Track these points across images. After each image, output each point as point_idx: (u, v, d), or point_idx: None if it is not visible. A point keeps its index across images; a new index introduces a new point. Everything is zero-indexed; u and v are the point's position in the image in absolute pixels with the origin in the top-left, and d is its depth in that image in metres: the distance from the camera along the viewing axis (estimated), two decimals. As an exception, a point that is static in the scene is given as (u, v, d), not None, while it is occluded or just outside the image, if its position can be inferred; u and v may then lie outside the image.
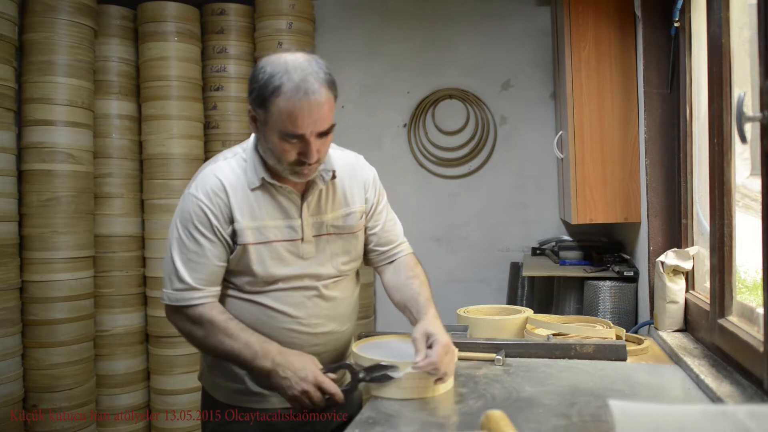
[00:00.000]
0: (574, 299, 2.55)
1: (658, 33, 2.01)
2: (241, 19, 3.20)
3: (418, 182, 3.42)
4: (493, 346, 1.60)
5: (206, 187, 1.41)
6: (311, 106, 1.29)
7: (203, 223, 1.39)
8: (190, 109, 3.06)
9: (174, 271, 1.41)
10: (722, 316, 1.40)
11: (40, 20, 2.74)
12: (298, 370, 1.33)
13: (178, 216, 1.43)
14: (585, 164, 2.28)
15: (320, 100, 1.29)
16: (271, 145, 1.35)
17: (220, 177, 1.42)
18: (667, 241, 1.99)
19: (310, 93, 1.28)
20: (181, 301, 1.41)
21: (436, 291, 3.61)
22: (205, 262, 1.40)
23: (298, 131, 1.29)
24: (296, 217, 1.44)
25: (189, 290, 1.40)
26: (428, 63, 3.41)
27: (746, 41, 1.41)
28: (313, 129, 1.30)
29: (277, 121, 1.30)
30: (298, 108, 1.28)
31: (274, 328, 1.43)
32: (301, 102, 1.28)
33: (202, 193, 1.40)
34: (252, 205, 1.41)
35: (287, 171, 1.37)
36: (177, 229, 1.42)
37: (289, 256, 1.43)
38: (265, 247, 1.41)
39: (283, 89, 1.28)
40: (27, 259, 2.73)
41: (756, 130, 1.16)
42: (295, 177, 1.38)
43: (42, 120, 2.74)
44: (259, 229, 1.41)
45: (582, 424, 1.15)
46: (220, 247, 1.40)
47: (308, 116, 1.29)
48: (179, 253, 1.41)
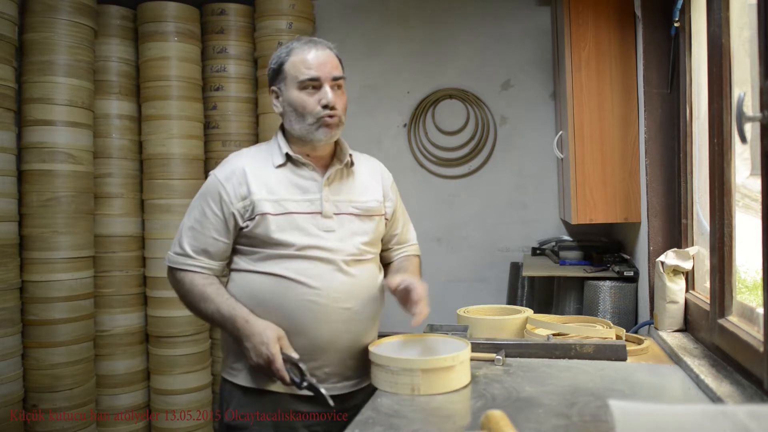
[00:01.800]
0: (574, 299, 2.55)
1: (658, 33, 2.01)
2: (241, 19, 3.20)
3: (418, 182, 3.42)
4: (493, 346, 1.60)
5: (226, 167, 1.55)
6: (321, 52, 1.51)
7: (214, 198, 1.51)
8: (190, 109, 3.06)
9: (178, 237, 1.55)
10: (722, 316, 1.40)
11: (40, 20, 2.73)
12: (256, 343, 1.41)
13: (199, 190, 1.58)
14: (585, 164, 2.28)
15: (327, 52, 1.53)
16: (294, 105, 1.50)
17: (241, 159, 1.56)
18: (667, 241, 1.99)
19: (318, 44, 1.53)
20: (174, 263, 1.54)
21: (436, 291, 3.63)
22: (204, 232, 1.51)
23: (312, 73, 1.48)
24: (316, 192, 1.53)
25: (183, 256, 1.53)
26: (428, 63, 3.41)
27: (746, 41, 1.41)
28: (326, 72, 1.50)
29: (293, 74, 1.50)
30: (309, 55, 1.50)
31: (293, 300, 1.46)
32: (311, 50, 1.51)
33: (221, 173, 1.54)
34: (271, 182, 1.51)
35: (314, 126, 1.50)
36: (194, 200, 1.57)
37: (310, 227, 1.50)
38: (284, 217, 1.48)
39: (294, 46, 1.53)
40: (27, 259, 2.73)
41: (756, 130, 1.16)
42: (323, 131, 1.51)
43: (42, 120, 2.74)
44: (278, 201, 1.49)
45: (582, 424, 1.15)
46: (222, 223, 1.51)
47: (318, 60, 1.50)
48: (187, 221, 1.55)
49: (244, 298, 1.50)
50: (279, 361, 1.38)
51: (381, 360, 1.38)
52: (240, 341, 1.44)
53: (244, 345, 1.43)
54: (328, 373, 1.51)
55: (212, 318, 1.49)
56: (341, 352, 1.51)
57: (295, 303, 1.46)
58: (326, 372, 1.51)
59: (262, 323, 1.43)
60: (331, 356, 1.50)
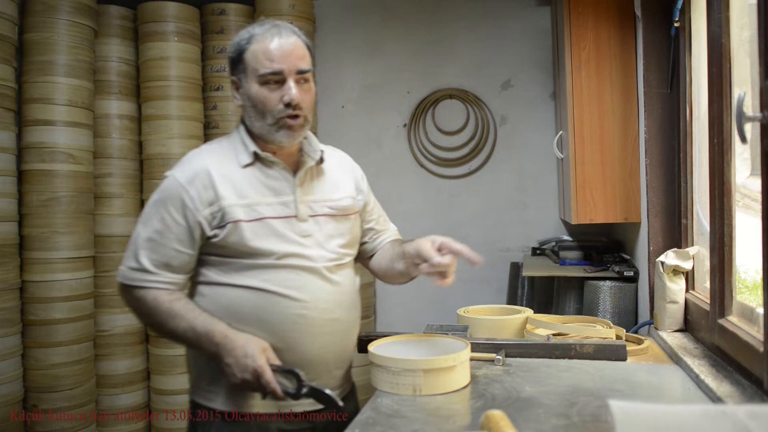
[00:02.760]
0: (574, 299, 2.55)
1: (658, 33, 2.01)
2: (241, 19, 3.20)
3: (418, 182, 3.42)
4: (493, 346, 1.60)
5: (187, 168, 1.37)
6: (286, 41, 1.33)
7: (175, 204, 1.34)
8: (190, 109, 3.06)
9: (132, 249, 1.37)
10: (722, 316, 1.40)
11: (40, 20, 2.74)
12: (239, 357, 1.27)
13: (154, 195, 1.39)
14: (585, 164, 2.28)
15: (293, 39, 1.34)
16: (254, 99, 1.34)
17: (204, 159, 1.38)
18: (667, 241, 1.99)
19: (282, 33, 1.34)
20: (131, 280, 1.36)
21: (436, 291, 3.59)
22: (165, 243, 1.34)
23: (275, 66, 1.31)
24: (289, 193, 1.40)
25: (141, 271, 1.35)
26: (428, 63, 3.41)
27: (746, 41, 1.41)
28: (290, 65, 1.32)
29: (254, 66, 1.33)
30: (271, 45, 1.32)
31: (280, 315, 1.35)
32: (274, 38, 1.33)
33: (182, 175, 1.36)
34: (240, 184, 1.36)
35: (274, 127, 1.35)
36: (149, 207, 1.38)
37: (287, 232, 1.37)
38: (259, 224, 1.35)
39: (255, 34, 1.35)
40: (27, 259, 2.73)
41: (756, 130, 1.16)
42: (285, 133, 1.36)
43: (42, 120, 2.74)
44: (250, 206, 1.35)
45: (582, 424, 1.15)
46: (185, 233, 1.34)
47: (282, 50, 1.32)
48: (143, 231, 1.36)
49: (219, 314, 1.34)
50: (268, 372, 1.26)
51: (382, 360, 1.38)
52: (219, 359, 1.29)
53: (224, 362, 1.28)
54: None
55: (184, 337, 1.33)
56: (329, 364, 1.43)
57: (282, 318, 1.35)
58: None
59: (243, 336, 1.30)
60: (319, 369, 1.40)
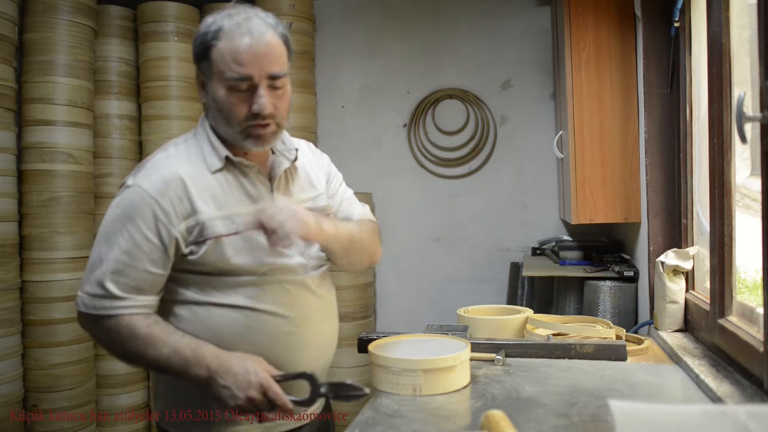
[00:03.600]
0: (574, 299, 2.55)
1: (658, 33, 2.01)
2: (241, 19, 3.20)
3: (418, 182, 3.42)
4: (493, 346, 1.60)
5: (156, 177, 1.19)
6: (257, 42, 1.15)
7: (145, 219, 1.17)
8: (190, 109, 3.05)
9: (94, 273, 1.17)
10: (722, 316, 1.40)
11: (40, 20, 2.73)
12: (239, 374, 1.14)
13: (115, 209, 1.20)
14: (585, 164, 2.28)
15: (267, 39, 1.17)
16: (219, 103, 1.18)
17: (175, 165, 1.21)
18: (667, 241, 1.99)
19: (254, 30, 1.16)
20: (98, 309, 1.17)
21: (436, 291, 3.60)
22: (136, 266, 1.17)
23: (243, 70, 1.15)
24: (267, 198, 1.26)
25: (108, 298, 1.16)
26: (428, 63, 3.40)
27: (746, 41, 1.41)
28: (262, 69, 1.16)
29: (221, 68, 1.16)
30: (240, 45, 1.15)
31: (270, 335, 1.25)
32: (244, 38, 1.15)
33: (150, 185, 1.18)
34: (216, 193, 1.22)
35: (241, 135, 1.20)
36: (110, 224, 1.19)
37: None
38: (240, 236, 1.21)
39: (223, 29, 1.16)
40: (27, 259, 2.73)
41: (756, 130, 1.16)
42: (252, 142, 1.21)
43: (42, 120, 2.74)
44: (229, 217, 1.21)
45: (582, 424, 1.15)
46: (159, 252, 1.18)
47: (253, 53, 1.15)
48: (107, 251, 1.17)
49: (201, 336, 1.21)
50: (275, 385, 1.15)
51: (382, 360, 1.38)
52: (212, 383, 1.15)
53: (220, 385, 1.14)
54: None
55: (167, 364, 1.16)
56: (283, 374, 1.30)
57: (271, 338, 1.24)
58: None
59: (236, 354, 1.18)
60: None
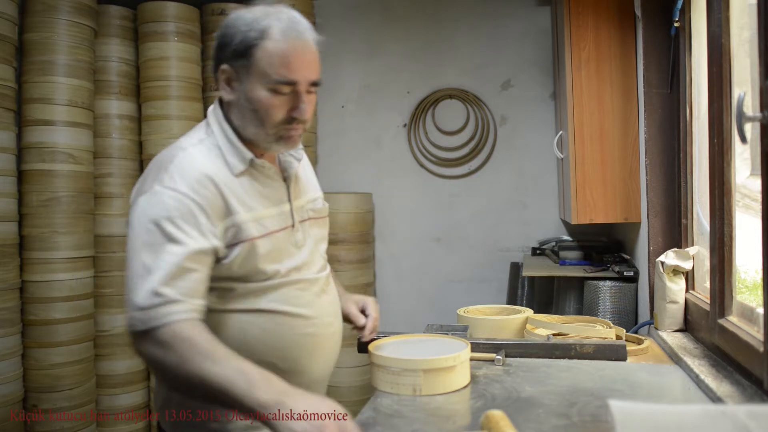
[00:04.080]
0: (574, 299, 2.55)
1: (658, 33, 2.01)
2: (241, 19, 3.20)
3: (418, 182, 3.42)
4: (493, 346, 1.60)
5: (187, 177, 1.13)
6: (305, 47, 1.15)
7: (188, 220, 1.10)
8: (190, 109, 3.05)
9: (144, 286, 1.06)
10: (722, 316, 1.40)
11: (40, 20, 2.73)
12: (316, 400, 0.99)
13: (148, 215, 1.10)
14: (585, 164, 2.28)
15: (312, 46, 1.17)
16: (256, 104, 1.16)
17: (201, 165, 1.16)
18: (667, 241, 1.99)
19: (304, 34, 1.15)
20: (155, 320, 1.04)
21: (436, 291, 3.61)
22: (189, 266, 1.08)
23: (291, 76, 1.14)
24: (285, 201, 1.27)
25: (167, 304, 1.05)
26: (428, 63, 3.40)
27: (746, 41, 1.41)
28: (306, 76, 1.16)
29: (266, 69, 1.13)
30: (291, 49, 1.13)
31: (290, 337, 1.22)
32: (295, 42, 1.14)
33: (185, 185, 1.12)
34: (243, 195, 1.19)
35: (272, 137, 1.19)
36: (147, 231, 1.09)
37: (288, 246, 1.24)
38: (268, 239, 1.20)
39: (272, 30, 1.13)
40: (27, 259, 2.73)
41: (756, 130, 1.16)
42: (281, 144, 1.20)
43: (42, 120, 2.74)
44: (258, 220, 1.19)
45: (582, 424, 1.15)
46: (208, 253, 1.12)
47: (303, 58, 1.14)
48: (153, 260, 1.07)
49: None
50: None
51: (382, 360, 1.38)
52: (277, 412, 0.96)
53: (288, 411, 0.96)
54: None
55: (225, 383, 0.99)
56: (326, 378, 1.35)
57: (291, 339, 1.22)
58: None
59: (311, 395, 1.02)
60: (319, 386, 1.32)
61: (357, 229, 3.18)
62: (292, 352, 1.22)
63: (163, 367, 1.05)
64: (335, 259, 3.11)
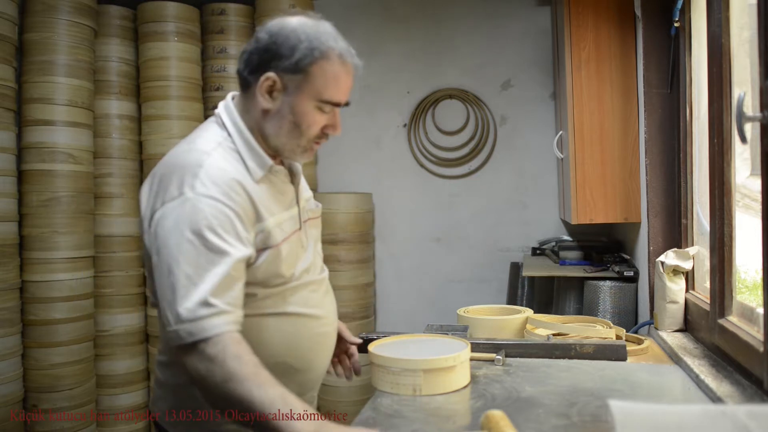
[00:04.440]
0: (574, 299, 2.55)
1: (658, 33, 2.01)
2: (241, 19, 3.20)
3: (418, 182, 3.42)
4: (493, 346, 1.60)
5: (221, 184, 1.11)
6: (351, 72, 1.22)
7: (227, 228, 1.08)
8: (190, 109, 3.06)
9: (190, 295, 1.03)
10: (722, 316, 1.41)
11: (40, 20, 2.74)
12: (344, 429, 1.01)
13: (184, 225, 1.06)
14: (585, 164, 2.28)
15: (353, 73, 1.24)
16: (300, 117, 1.19)
17: (230, 171, 1.15)
18: (667, 241, 1.99)
19: (353, 58, 1.21)
20: (205, 331, 1.02)
21: (436, 291, 3.60)
22: (234, 275, 1.07)
23: (340, 98, 1.20)
24: (294, 204, 1.29)
25: (215, 315, 1.03)
26: (428, 63, 3.40)
27: (746, 41, 1.41)
28: (346, 98, 1.23)
29: (319, 87, 1.17)
30: (344, 73, 1.19)
31: (306, 337, 1.25)
32: (348, 67, 1.20)
33: (219, 192, 1.10)
34: (266, 200, 1.20)
35: (301, 149, 1.22)
36: (188, 242, 1.05)
37: (298, 249, 1.26)
38: (287, 243, 1.22)
39: (334, 52, 1.17)
40: (27, 259, 2.73)
41: (756, 130, 1.16)
42: (305, 155, 1.25)
43: (42, 120, 2.74)
44: (279, 225, 1.21)
45: (582, 424, 1.15)
46: (245, 261, 1.12)
47: (349, 83, 1.22)
48: (197, 270, 1.04)
49: None
50: None
51: (382, 360, 1.38)
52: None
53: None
54: (313, 397, 1.37)
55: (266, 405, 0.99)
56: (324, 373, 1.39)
57: (307, 339, 1.25)
58: (313, 396, 1.36)
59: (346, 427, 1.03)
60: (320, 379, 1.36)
61: (357, 229, 3.18)
62: (307, 352, 1.26)
63: (207, 381, 1.03)
64: (335, 259, 3.11)
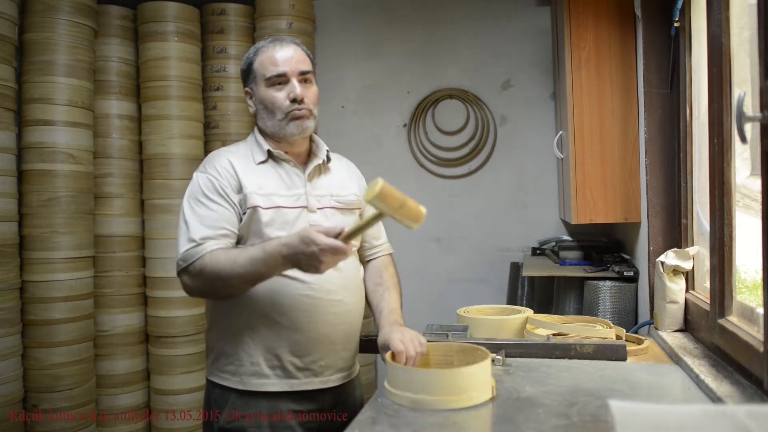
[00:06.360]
0: (574, 299, 2.55)
1: (658, 33, 2.01)
2: (241, 19, 3.20)
3: (418, 182, 3.42)
4: (493, 346, 1.60)
5: (214, 164, 1.53)
6: (287, 47, 1.55)
7: (211, 190, 1.49)
8: (190, 109, 3.05)
9: (182, 238, 1.45)
10: (722, 316, 1.40)
11: (40, 20, 2.73)
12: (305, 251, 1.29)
13: (187, 194, 1.52)
14: (585, 164, 2.28)
15: (293, 47, 1.55)
16: (264, 101, 1.54)
17: (224, 155, 1.56)
18: (667, 241, 1.99)
19: (283, 41, 1.56)
20: (191, 257, 1.42)
21: (436, 291, 3.60)
22: (217, 219, 1.46)
23: (279, 69, 1.51)
24: (300, 187, 1.55)
25: (197, 246, 1.43)
26: (428, 63, 3.40)
27: (746, 41, 1.41)
28: (293, 68, 1.52)
29: (261, 72, 1.53)
30: (273, 52, 1.54)
31: (290, 296, 1.47)
32: (275, 47, 1.54)
33: (210, 168, 1.52)
34: (258, 177, 1.52)
35: (284, 121, 1.53)
36: (187, 204, 1.50)
37: (298, 222, 1.51)
38: (274, 211, 1.49)
39: (260, 46, 1.57)
40: (27, 259, 2.73)
41: (756, 130, 1.16)
42: (294, 125, 1.53)
43: (42, 120, 2.74)
44: (267, 196, 1.50)
45: (582, 424, 1.15)
46: (230, 211, 1.48)
47: (285, 56, 1.53)
48: (189, 221, 1.47)
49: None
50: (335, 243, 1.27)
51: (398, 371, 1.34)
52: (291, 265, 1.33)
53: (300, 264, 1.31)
54: (323, 366, 1.52)
55: (254, 270, 1.36)
56: (335, 344, 1.53)
57: (291, 299, 1.48)
58: (321, 365, 1.52)
59: (293, 235, 1.33)
60: (326, 349, 1.52)
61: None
62: (290, 310, 1.48)
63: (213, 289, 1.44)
64: (335, 259, 3.10)
